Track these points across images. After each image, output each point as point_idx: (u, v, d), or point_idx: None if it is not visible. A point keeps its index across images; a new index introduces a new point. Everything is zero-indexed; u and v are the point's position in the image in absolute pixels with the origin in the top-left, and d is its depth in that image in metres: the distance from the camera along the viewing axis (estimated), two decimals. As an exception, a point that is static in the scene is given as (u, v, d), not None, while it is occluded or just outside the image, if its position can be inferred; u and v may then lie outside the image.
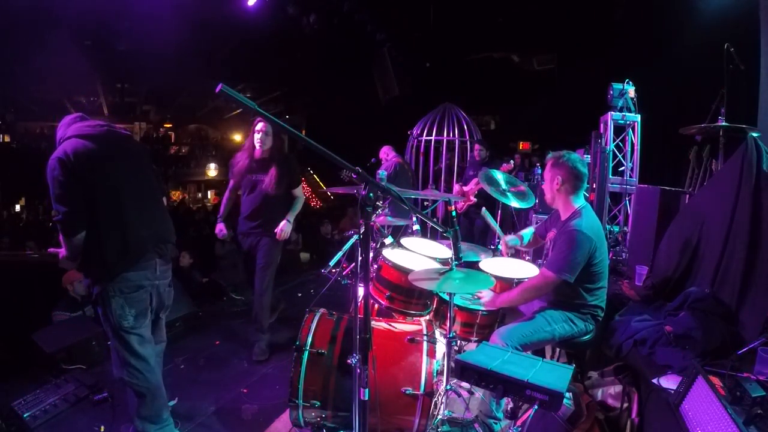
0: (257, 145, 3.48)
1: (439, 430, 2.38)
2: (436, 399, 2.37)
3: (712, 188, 3.32)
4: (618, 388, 2.65)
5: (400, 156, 6.42)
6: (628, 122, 5.25)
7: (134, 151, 2.49)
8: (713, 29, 4.92)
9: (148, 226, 2.38)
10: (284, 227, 3.57)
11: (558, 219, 2.72)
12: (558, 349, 3.03)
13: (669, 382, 2.22)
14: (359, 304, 1.72)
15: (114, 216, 2.28)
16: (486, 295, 2.68)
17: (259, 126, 3.48)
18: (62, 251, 2.34)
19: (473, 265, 2.90)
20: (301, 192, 3.74)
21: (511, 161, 5.88)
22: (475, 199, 5.40)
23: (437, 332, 2.63)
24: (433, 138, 7.92)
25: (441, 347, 2.56)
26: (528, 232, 3.10)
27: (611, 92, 5.21)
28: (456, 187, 5.85)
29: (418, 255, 3.00)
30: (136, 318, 2.33)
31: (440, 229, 2.19)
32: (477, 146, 6.03)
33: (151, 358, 2.42)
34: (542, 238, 3.00)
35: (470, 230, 5.77)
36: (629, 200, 5.25)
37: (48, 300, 4.71)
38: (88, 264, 2.32)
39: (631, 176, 5.33)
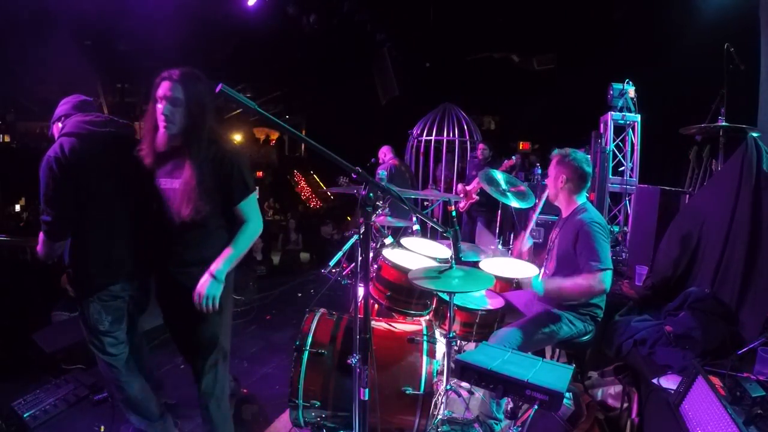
0: (160, 125, 2.04)
1: (439, 430, 2.38)
2: (436, 399, 2.37)
3: (712, 188, 3.32)
4: (618, 388, 2.65)
5: (398, 158, 6.42)
6: (628, 122, 5.25)
7: (134, 154, 2.45)
8: (713, 29, 4.91)
9: (137, 239, 2.33)
10: (204, 289, 2.03)
11: (559, 217, 2.73)
12: (558, 349, 3.03)
13: (669, 382, 2.22)
14: (359, 304, 1.72)
15: (104, 227, 2.23)
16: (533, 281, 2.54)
17: (162, 89, 2.02)
18: (39, 248, 2.28)
19: (473, 265, 2.91)
20: (255, 211, 2.15)
21: (513, 157, 5.91)
22: (477, 197, 5.42)
23: (437, 332, 2.63)
24: (433, 138, 7.93)
25: (441, 347, 2.56)
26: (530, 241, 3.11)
27: (611, 92, 5.21)
28: (459, 187, 5.87)
29: (418, 255, 3.00)
30: (111, 323, 2.32)
31: (440, 229, 2.19)
32: (481, 146, 6.03)
33: (123, 355, 2.41)
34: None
35: (472, 229, 5.78)
36: (629, 200, 5.25)
37: (48, 300, 4.71)
38: (72, 268, 2.30)
39: (631, 176, 5.33)
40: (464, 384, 2.65)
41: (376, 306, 2.87)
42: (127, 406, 2.43)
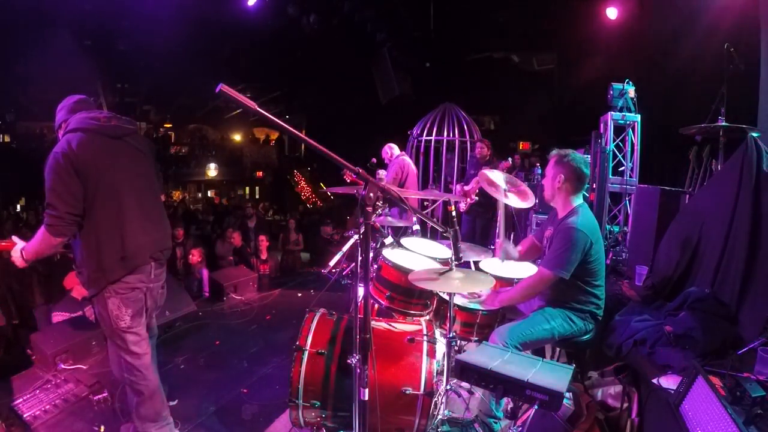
0: None
1: (439, 430, 2.38)
2: (436, 399, 2.37)
3: (712, 188, 3.32)
4: (618, 388, 2.65)
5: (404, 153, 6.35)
6: (628, 122, 5.25)
7: (139, 150, 2.41)
8: (713, 29, 4.92)
9: (147, 233, 2.33)
10: None
11: (555, 218, 2.72)
12: (558, 349, 3.02)
13: (669, 382, 2.22)
14: (359, 304, 1.72)
15: (114, 221, 2.23)
16: (485, 293, 2.68)
17: None
18: (21, 245, 2.26)
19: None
20: None
21: (509, 159, 5.88)
22: (477, 198, 5.41)
23: (437, 332, 2.63)
24: (433, 138, 7.93)
25: (441, 347, 2.56)
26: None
27: (611, 92, 5.21)
28: (458, 188, 5.85)
29: (418, 255, 3.00)
30: (132, 318, 2.32)
31: (440, 229, 2.19)
32: (479, 144, 6.01)
33: (147, 355, 2.41)
34: (540, 241, 2.98)
35: (472, 229, 5.76)
36: (629, 200, 5.25)
37: (48, 300, 4.72)
38: (85, 266, 2.28)
39: (631, 176, 5.33)
40: (464, 384, 2.65)
41: (376, 306, 2.87)
42: (138, 411, 2.41)
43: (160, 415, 2.46)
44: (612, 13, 6.68)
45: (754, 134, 2.98)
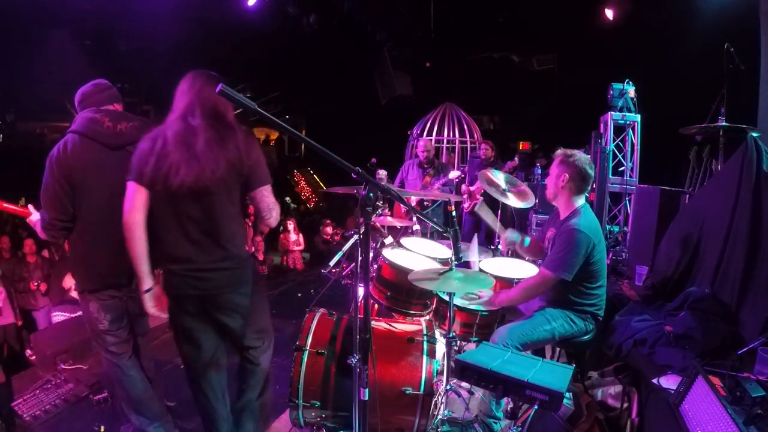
0: None
1: (439, 430, 2.38)
2: (436, 399, 2.37)
3: (712, 188, 3.32)
4: (618, 388, 2.65)
5: None
6: (628, 122, 5.25)
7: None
8: (713, 29, 4.91)
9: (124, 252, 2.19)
10: None
11: (557, 218, 2.72)
12: (558, 349, 3.02)
13: (669, 382, 2.22)
14: (359, 304, 1.72)
15: (93, 239, 2.19)
16: (485, 294, 2.68)
17: None
18: (36, 216, 2.25)
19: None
20: None
21: (516, 158, 5.88)
22: (481, 197, 5.41)
23: (437, 332, 2.63)
24: (433, 138, 7.94)
25: (441, 347, 2.56)
26: (526, 239, 3.06)
27: (611, 92, 5.21)
28: (463, 188, 5.84)
29: (418, 255, 3.00)
30: (111, 322, 2.32)
31: (440, 230, 2.19)
32: (483, 146, 5.98)
33: (126, 354, 2.41)
34: (542, 242, 2.98)
35: (477, 230, 5.76)
36: (629, 200, 5.25)
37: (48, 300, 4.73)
38: (71, 268, 2.34)
39: (631, 176, 5.33)
40: (464, 384, 2.65)
41: (376, 306, 2.87)
42: (129, 406, 2.42)
43: (154, 412, 2.46)
44: (611, 13, 6.69)
45: (754, 134, 2.98)
